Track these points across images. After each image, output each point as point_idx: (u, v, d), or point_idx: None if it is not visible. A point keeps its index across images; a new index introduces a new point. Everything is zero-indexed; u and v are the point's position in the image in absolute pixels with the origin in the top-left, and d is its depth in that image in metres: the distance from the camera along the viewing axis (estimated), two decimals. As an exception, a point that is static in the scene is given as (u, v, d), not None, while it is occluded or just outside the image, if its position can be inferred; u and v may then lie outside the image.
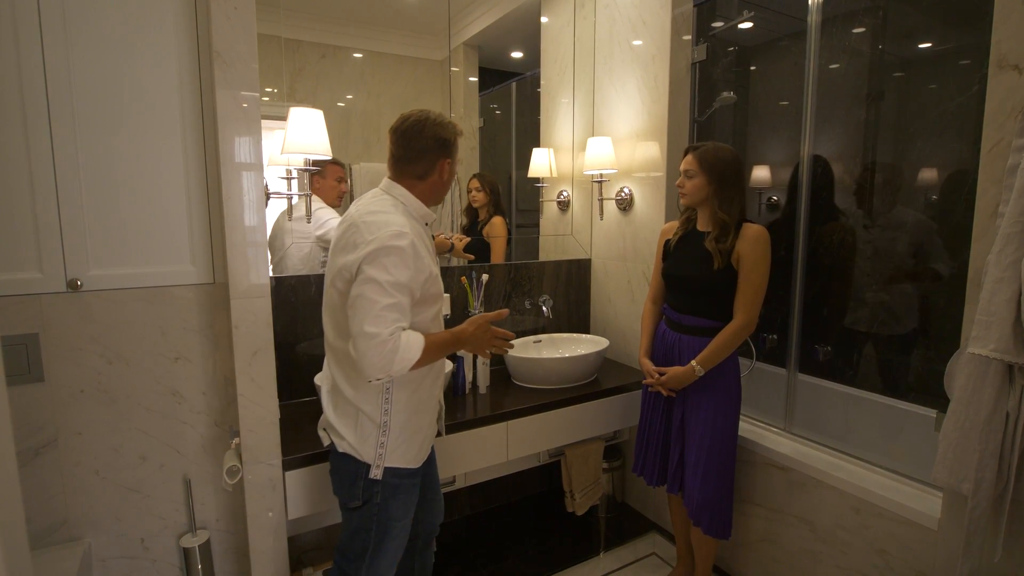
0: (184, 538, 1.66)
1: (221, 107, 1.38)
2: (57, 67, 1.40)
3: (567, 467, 2.09)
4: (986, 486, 1.18)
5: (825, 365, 2.15)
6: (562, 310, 2.48)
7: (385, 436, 1.29)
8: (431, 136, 1.28)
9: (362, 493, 1.30)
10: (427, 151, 1.29)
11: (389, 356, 1.14)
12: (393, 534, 1.33)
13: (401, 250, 1.17)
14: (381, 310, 1.14)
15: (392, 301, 1.16)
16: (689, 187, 1.65)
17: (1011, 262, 1.13)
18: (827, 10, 1.86)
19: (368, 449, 1.29)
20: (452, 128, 1.32)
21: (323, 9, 1.97)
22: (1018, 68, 1.18)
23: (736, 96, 2.28)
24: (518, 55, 2.43)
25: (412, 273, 1.19)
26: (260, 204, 1.45)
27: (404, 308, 1.19)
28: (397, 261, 1.17)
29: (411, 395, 1.32)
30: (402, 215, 1.25)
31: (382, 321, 1.14)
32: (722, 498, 1.68)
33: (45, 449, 1.48)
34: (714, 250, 1.61)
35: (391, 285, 1.16)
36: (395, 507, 1.32)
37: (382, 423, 1.28)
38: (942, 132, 1.91)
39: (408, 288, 1.19)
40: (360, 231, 1.20)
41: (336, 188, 2.00)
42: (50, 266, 1.44)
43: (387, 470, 1.30)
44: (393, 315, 1.16)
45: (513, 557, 2.10)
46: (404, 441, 1.32)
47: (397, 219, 1.21)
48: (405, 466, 1.32)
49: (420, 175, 1.31)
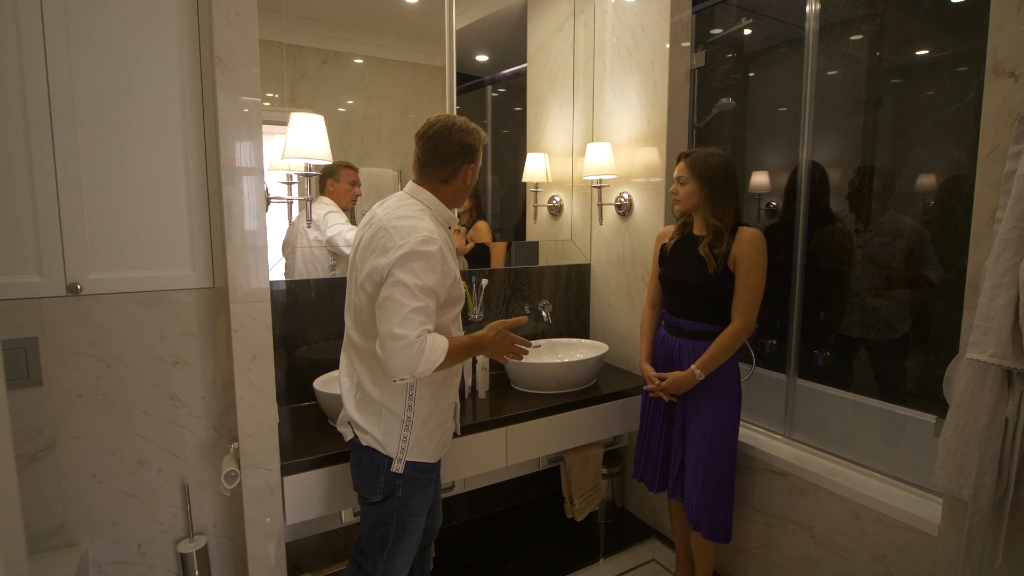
0: (182, 543, 1.65)
1: (222, 112, 1.39)
2: (59, 72, 1.41)
3: (566, 472, 2.08)
4: (986, 492, 1.18)
5: (824, 370, 2.15)
6: (562, 315, 2.48)
7: (408, 431, 1.32)
8: (457, 141, 1.32)
9: (383, 487, 1.33)
10: (453, 156, 1.32)
11: (415, 358, 1.18)
12: (412, 529, 1.36)
13: (430, 255, 1.21)
14: (409, 313, 1.18)
15: (420, 304, 1.19)
16: (682, 193, 1.68)
17: (1008, 267, 1.14)
18: (825, 17, 1.88)
19: (392, 443, 1.31)
20: (478, 134, 1.35)
21: (324, 15, 1.98)
22: (1014, 75, 1.19)
23: (735, 102, 2.29)
24: (483, 58, 2.44)
25: (439, 277, 1.23)
26: (260, 208, 1.45)
27: (430, 311, 1.22)
28: (426, 266, 1.20)
29: (433, 392, 1.36)
30: (429, 219, 1.29)
31: (410, 324, 1.17)
32: (721, 501, 1.67)
33: (43, 453, 1.48)
34: (707, 255, 1.62)
35: (419, 289, 1.19)
36: (415, 502, 1.35)
37: (405, 418, 1.32)
38: (940, 138, 1.92)
39: (435, 292, 1.23)
40: (391, 235, 1.23)
41: (350, 192, 2.00)
42: (50, 270, 1.45)
43: (408, 464, 1.33)
44: (420, 318, 1.19)
45: (512, 563, 2.09)
46: (425, 436, 1.35)
47: (426, 224, 1.25)
48: (425, 460, 1.36)
49: (445, 179, 1.34)
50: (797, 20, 1.93)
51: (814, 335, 2.09)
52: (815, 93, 1.86)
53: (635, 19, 2.18)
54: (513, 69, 2.49)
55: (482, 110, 2.53)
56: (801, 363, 1.98)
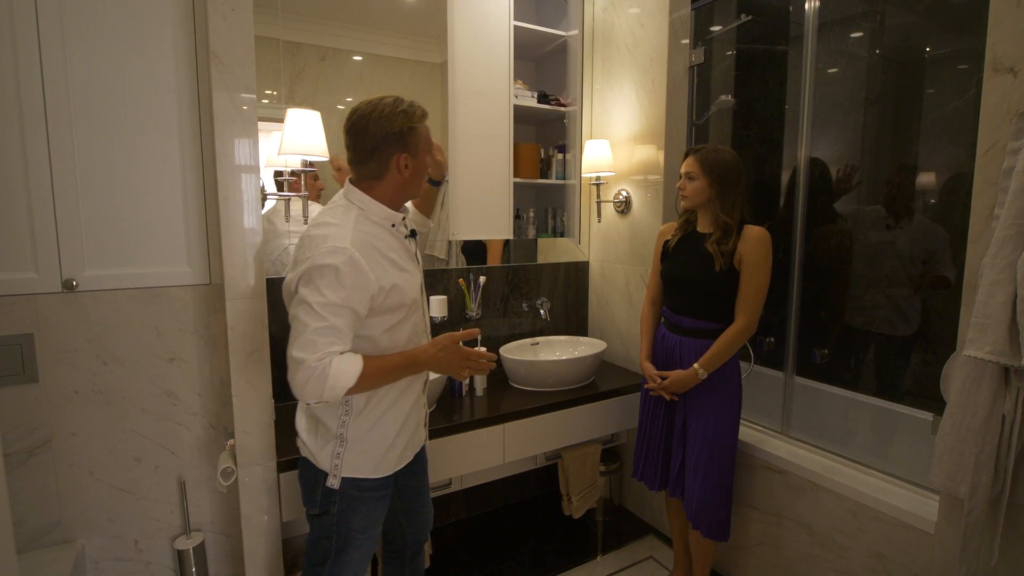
0: (178, 540, 1.65)
1: (218, 108, 1.38)
2: (54, 67, 1.41)
3: (564, 470, 2.08)
4: (982, 489, 1.18)
5: (822, 368, 2.15)
6: (560, 312, 2.48)
7: (342, 447, 1.23)
8: (376, 132, 1.16)
9: (320, 501, 1.25)
10: (377, 148, 1.17)
11: (317, 383, 1.08)
12: (355, 545, 1.28)
13: (335, 269, 1.08)
14: (311, 334, 1.08)
15: (323, 325, 1.08)
16: (690, 189, 1.64)
17: (1006, 264, 1.13)
18: (824, 14, 1.87)
19: (324, 458, 1.23)
20: (403, 116, 1.17)
21: (322, 11, 1.98)
22: (1013, 71, 1.18)
23: (734, 99, 2.28)
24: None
25: (350, 292, 1.10)
26: (257, 205, 1.45)
27: (340, 330, 1.11)
28: (331, 281, 1.09)
29: (374, 406, 1.24)
30: (355, 223, 1.16)
31: (311, 347, 1.08)
32: (722, 501, 1.67)
33: (39, 450, 1.48)
34: (716, 252, 1.60)
35: (322, 307, 1.08)
36: (356, 520, 1.26)
37: (338, 434, 1.22)
38: (940, 135, 1.91)
39: (347, 308, 1.11)
40: (304, 246, 1.16)
41: (313, 186, 1.96)
42: (46, 266, 1.44)
43: (346, 480, 1.23)
44: (325, 339, 1.09)
45: (510, 560, 2.09)
46: (364, 452, 1.24)
47: (339, 232, 1.13)
48: (367, 477, 1.25)
49: (376, 175, 1.20)
50: (797, 17, 1.92)
51: (812, 333, 2.09)
52: (814, 91, 1.85)
53: (634, 16, 2.18)
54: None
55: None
56: (799, 361, 1.98)
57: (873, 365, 2.14)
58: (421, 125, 1.21)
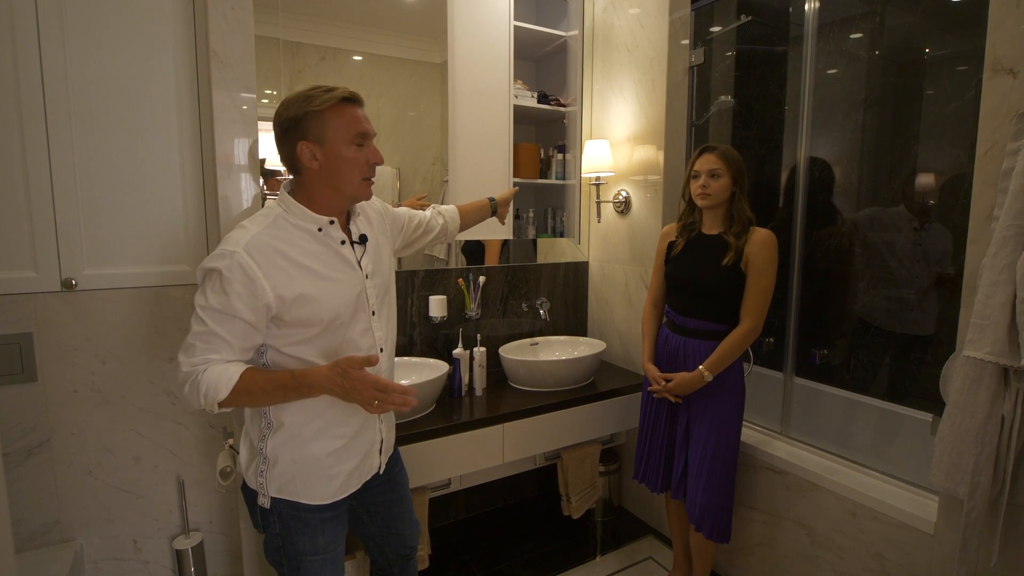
0: (177, 540, 1.65)
1: (218, 107, 1.38)
2: (54, 66, 1.41)
3: (563, 470, 2.08)
4: (982, 490, 1.18)
5: (821, 369, 2.15)
6: (559, 312, 2.48)
7: (264, 465, 1.13)
8: (279, 123, 1.09)
9: (260, 520, 1.17)
10: (280, 140, 1.10)
11: (192, 389, 1.02)
12: (310, 568, 1.17)
13: (218, 273, 1.01)
14: (191, 338, 1.04)
15: (202, 330, 1.02)
16: (715, 187, 1.61)
17: (1006, 265, 1.13)
18: (824, 15, 1.87)
19: (251, 475, 1.15)
20: (303, 101, 1.06)
21: (322, 11, 1.98)
22: (1012, 72, 1.18)
23: (734, 100, 2.29)
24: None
25: (232, 298, 1.01)
26: (256, 205, 1.45)
27: (220, 337, 1.03)
28: (215, 285, 1.02)
29: (299, 426, 1.12)
30: (267, 226, 1.08)
31: (189, 351, 1.03)
32: (724, 503, 1.67)
33: (38, 449, 1.48)
34: (733, 244, 1.60)
35: (204, 311, 1.03)
36: (302, 542, 1.15)
37: (259, 449, 1.13)
38: (939, 136, 1.91)
39: (227, 315, 1.02)
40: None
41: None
42: (45, 265, 1.44)
43: (280, 501, 1.14)
44: (202, 345, 1.03)
45: (509, 560, 2.09)
46: (292, 475, 1.13)
47: (240, 235, 1.06)
48: (305, 502, 1.14)
49: (294, 171, 1.12)
50: (796, 18, 1.93)
51: (812, 334, 2.09)
52: (813, 91, 1.85)
53: (634, 16, 2.18)
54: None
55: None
56: (798, 361, 1.98)
57: (872, 366, 2.14)
58: (326, 110, 1.06)
